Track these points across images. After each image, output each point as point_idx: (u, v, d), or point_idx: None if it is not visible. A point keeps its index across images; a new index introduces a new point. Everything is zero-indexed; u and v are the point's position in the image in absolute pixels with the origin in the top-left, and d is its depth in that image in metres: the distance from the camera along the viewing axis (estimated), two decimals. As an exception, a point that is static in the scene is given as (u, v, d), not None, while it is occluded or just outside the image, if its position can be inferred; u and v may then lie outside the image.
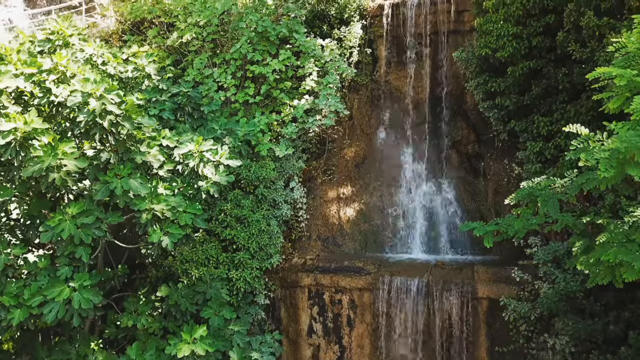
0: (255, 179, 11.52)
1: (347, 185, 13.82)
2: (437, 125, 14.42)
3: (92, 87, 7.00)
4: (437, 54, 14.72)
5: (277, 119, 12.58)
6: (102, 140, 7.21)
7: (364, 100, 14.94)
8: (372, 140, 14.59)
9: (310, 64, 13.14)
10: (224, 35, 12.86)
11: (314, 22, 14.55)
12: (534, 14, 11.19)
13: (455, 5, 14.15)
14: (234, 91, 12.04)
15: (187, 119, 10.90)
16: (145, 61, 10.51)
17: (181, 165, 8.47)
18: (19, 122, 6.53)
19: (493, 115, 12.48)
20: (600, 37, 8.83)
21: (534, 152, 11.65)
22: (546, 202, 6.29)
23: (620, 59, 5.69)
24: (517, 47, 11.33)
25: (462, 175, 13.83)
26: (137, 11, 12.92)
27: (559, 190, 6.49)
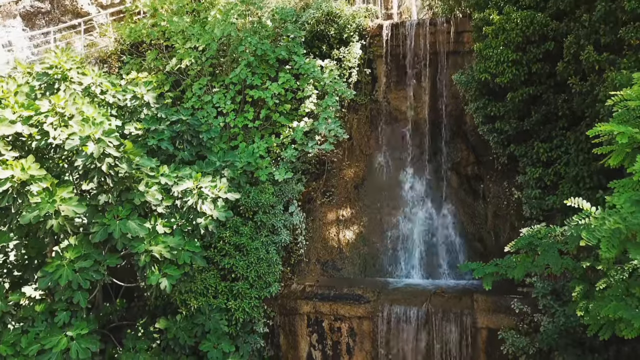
0: (254, 204, 11.49)
1: (346, 207, 13.80)
2: (437, 146, 14.40)
3: (91, 131, 6.96)
4: (436, 75, 14.70)
5: (277, 142, 12.55)
6: (101, 182, 7.18)
7: (363, 120, 14.91)
8: (372, 161, 14.57)
9: (309, 86, 13.12)
10: (223, 58, 12.82)
11: (313, 42, 14.52)
12: (533, 41, 11.15)
13: (455, 27, 14.14)
14: (233, 116, 12.01)
15: (186, 147, 10.86)
16: (144, 89, 10.47)
17: (179, 201, 8.44)
18: (17, 169, 6.50)
19: (493, 139, 12.43)
20: (600, 71, 8.80)
21: (534, 178, 11.62)
22: (546, 251, 6.27)
23: (620, 112, 5.66)
24: (516, 73, 11.29)
25: (461, 197, 13.81)
26: (136, 34, 12.88)
27: (559, 240, 6.46)
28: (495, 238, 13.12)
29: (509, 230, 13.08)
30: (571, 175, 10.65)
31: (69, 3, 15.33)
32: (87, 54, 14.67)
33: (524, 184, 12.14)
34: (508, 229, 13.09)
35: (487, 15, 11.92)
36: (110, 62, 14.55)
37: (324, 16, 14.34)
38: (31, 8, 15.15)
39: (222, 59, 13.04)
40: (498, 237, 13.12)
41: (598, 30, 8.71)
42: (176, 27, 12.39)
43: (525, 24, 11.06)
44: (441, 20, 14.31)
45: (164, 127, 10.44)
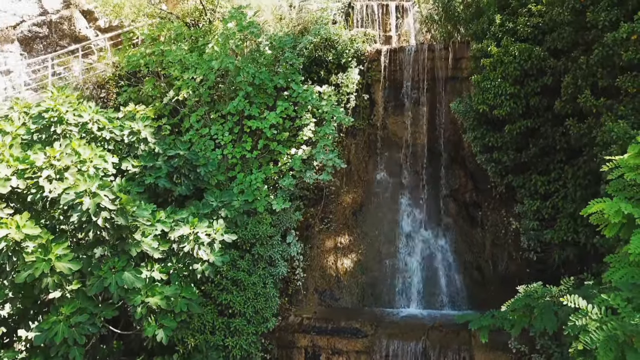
0: (252, 237, 11.48)
1: (344, 235, 13.79)
2: (435, 172, 14.38)
3: (86, 186, 6.95)
4: (434, 100, 14.69)
5: (275, 170, 12.54)
6: (96, 234, 7.16)
7: (361, 145, 14.90)
8: (370, 187, 14.55)
9: (307, 114, 13.10)
10: (222, 84, 12.80)
11: (311, 67, 14.49)
12: (531, 74, 11.15)
13: (453, 53, 14.13)
14: (231, 148, 12.00)
15: (184, 181, 10.84)
16: (141, 125, 10.46)
17: (176, 245, 8.43)
18: (12, 228, 6.49)
19: (490, 169, 12.40)
20: (598, 115, 8.79)
21: (532, 210, 11.61)
22: (543, 313, 6.25)
23: (614, 183, 5.65)
24: (514, 106, 11.29)
25: (459, 224, 13.79)
26: (133, 63, 12.86)
27: (555, 301, 6.45)
28: (494, 267, 13.11)
29: (507, 259, 13.09)
30: (569, 212, 10.65)
31: (66, 27, 15.32)
32: (85, 79, 14.65)
33: (522, 214, 12.14)
34: (506, 258, 13.10)
35: (485, 47, 11.93)
36: (108, 88, 14.53)
37: (322, 42, 14.33)
38: (29, 33, 15.13)
39: (220, 85, 13.01)
40: (496, 266, 13.12)
41: (595, 73, 8.70)
42: (174, 57, 12.36)
43: (523, 57, 11.07)
44: (439, 46, 14.30)
45: (161, 162, 10.42)
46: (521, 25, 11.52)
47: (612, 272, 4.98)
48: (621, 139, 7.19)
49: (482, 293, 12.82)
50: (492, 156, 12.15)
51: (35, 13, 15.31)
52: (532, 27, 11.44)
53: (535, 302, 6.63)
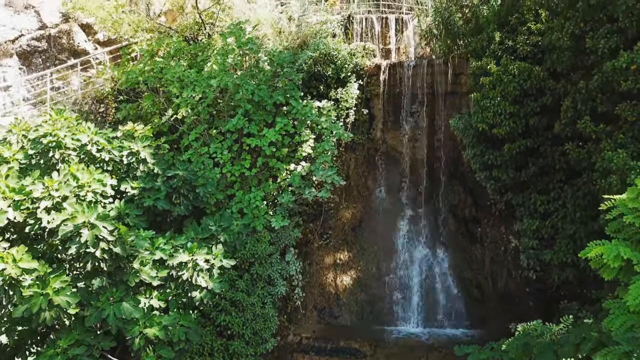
0: (251, 256, 11.46)
1: (343, 251, 13.77)
2: (434, 187, 14.36)
3: (84, 218, 6.92)
4: (434, 115, 14.67)
5: (274, 187, 12.51)
6: (94, 266, 7.13)
7: (361, 160, 14.88)
8: (369, 202, 14.53)
9: (306, 130, 13.07)
10: (222, 100, 12.76)
11: (311, 82, 14.46)
12: (530, 94, 11.13)
13: (453, 69, 14.11)
14: (230, 166, 11.96)
15: (183, 201, 10.82)
16: (140, 145, 10.42)
17: (175, 271, 8.40)
18: (8, 262, 6.45)
19: (490, 186, 12.37)
20: (597, 140, 8.76)
21: (531, 230, 11.58)
22: (542, 352, 6.23)
23: (613, 223, 5.63)
24: (513, 126, 11.26)
25: (458, 240, 13.78)
26: (132, 80, 12.82)
27: (555, 340, 6.43)
28: (493, 284, 13.10)
29: (506, 277, 13.07)
30: (568, 233, 10.63)
31: (65, 42, 15.27)
32: (83, 94, 14.61)
33: (521, 232, 12.10)
34: (505, 276, 13.08)
35: (484, 64, 11.90)
36: (107, 103, 14.49)
37: (321, 57, 14.30)
38: (28, 47, 15.08)
39: (220, 101, 12.96)
40: (495, 283, 13.11)
41: (595, 98, 8.67)
42: (172, 74, 12.33)
43: (522, 77, 11.04)
44: (439, 61, 14.28)
45: (160, 183, 10.40)
46: (521, 43, 11.50)
47: (612, 319, 4.95)
48: (621, 169, 7.18)
49: (482, 310, 12.80)
50: (491, 174, 12.11)
51: (34, 27, 15.26)
52: (531, 46, 11.42)
53: (535, 340, 6.60)
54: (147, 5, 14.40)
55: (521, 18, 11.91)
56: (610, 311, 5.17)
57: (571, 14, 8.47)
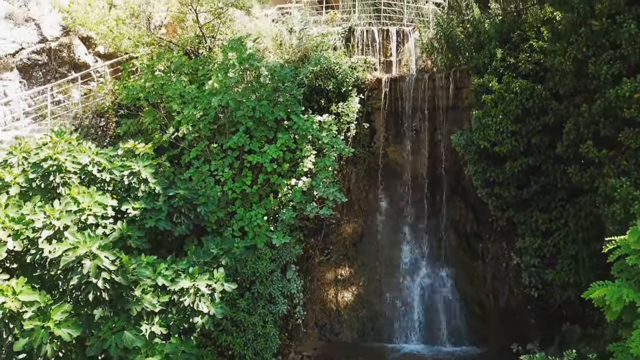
0: (252, 274, 11.43)
1: (344, 266, 13.74)
2: (436, 202, 14.34)
3: (85, 250, 6.90)
4: (435, 129, 14.65)
5: (275, 203, 12.48)
6: (96, 296, 7.11)
7: (362, 174, 14.85)
8: (370, 217, 14.50)
9: (307, 146, 13.03)
10: (222, 120, 12.73)
11: (312, 96, 14.44)
12: (532, 113, 11.10)
13: (454, 83, 14.08)
14: (231, 184, 11.92)
15: (184, 220, 10.81)
16: (141, 165, 10.40)
17: (176, 296, 8.38)
18: (8, 294, 6.42)
19: (491, 203, 12.34)
20: (600, 165, 8.73)
21: (533, 248, 11.56)
22: (545, 387, 6.21)
23: (617, 264, 5.60)
24: (515, 144, 11.24)
25: (460, 256, 13.75)
26: (133, 96, 12.79)
27: (558, 374, 6.41)
28: (494, 301, 13.07)
29: (507, 294, 13.05)
30: (570, 254, 10.61)
31: (66, 55, 15.24)
32: (84, 108, 14.58)
33: (523, 250, 12.07)
34: (507, 292, 13.06)
35: (486, 82, 11.87)
36: (107, 117, 14.46)
37: (322, 71, 14.27)
38: (28, 61, 15.06)
39: (221, 115, 12.89)
40: (497, 300, 13.08)
41: (598, 122, 8.64)
42: (173, 90, 12.29)
43: (525, 96, 11.03)
44: (440, 75, 14.25)
45: (162, 202, 10.38)
46: (523, 61, 11.48)
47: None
48: (624, 199, 7.16)
49: (483, 328, 12.77)
50: (492, 191, 12.08)
51: (34, 40, 15.23)
52: (533, 64, 11.41)
53: (538, 374, 6.59)
54: (148, 19, 14.36)
55: (523, 35, 11.89)
56: (614, 354, 5.15)
57: (574, 39, 8.44)
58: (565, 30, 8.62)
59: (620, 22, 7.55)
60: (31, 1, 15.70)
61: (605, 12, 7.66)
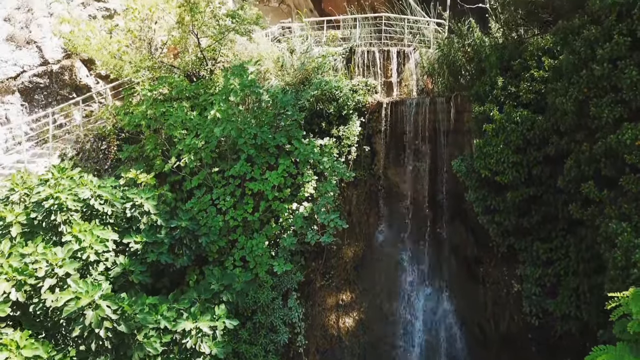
0: (253, 303, 11.46)
1: (346, 291, 13.75)
2: (437, 226, 14.35)
3: (89, 299, 6.93)
4: (436, 152, 14.65)
5: (276, 229, 12.51)
6: (98, 345, 7.14)
7: (362, 197, 14.86)
8: (371, 240, 14.52)
9: (309, 171, 13.05)
10: (223, 146, 12.75)
11: (313, 119, 14.49)
12: (534, 144, 11.09)
13: (455, 107, 14.08)
14: (232, 213, 11.94)
15: (185, 252, 10.86)
16: (143, 197, 10.43)
17: (179, 335, 8.40)
18: (12, 348, 6.44)
19: (492, 230, 12.33)
20: (601, 204, 8.73)
21: (534, 277, 11.55)
22: None
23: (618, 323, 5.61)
24: (516, 175, 11.23)
25: (461, 281, 13.76)
26: (134, 124, 12.81)
27: None
28: (495, 326, 13.06)
29: (508, 320, 13.04)
30: (571, 287, 10.60)
31: (67, 77, 15.27)
32: (85, 131, 14.60)
33: (524, 277, 12.06)
34: (507, 318, 13.05)
35: (487, 110, 11.87)
36: (109, 140, 14.48)
37: (323, 95, 14.30)
38: (30, 84, 15.08)
39: (222, 140, 12.88)
40: (498, 326, 13.07)
41: (599, 160, 8.64)
42: (175, 119, 12.32)
43: (526, 126, 11.02)
44: (441, 99, 14.26)
45: (164, 235, 10.42)
46: (524, 91, 11.48)
47: None
48: (625, 246, 7.17)
49: (484, 353, 12.79)
50: (493, 218, 12.08)
51: (36, 63, 15.25)
52: (534, 93, 11.40)
53: None
54: (149, 43, 14.37)
55: (524, 63, 11.88)
56: None
57: (575, 80, 8.45)
58: (566, 70, 8.62)
59: (622, 67, 7.56)
60: (32, 23, 15.72)
61: (606, 57, 7.67)
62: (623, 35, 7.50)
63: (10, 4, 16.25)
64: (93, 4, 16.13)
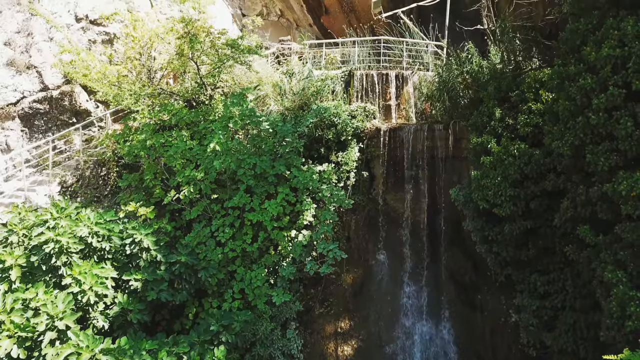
0: (252, 335, 11.51)
1: (344, 319, 13.81)
2: (435, 252, 14.40)
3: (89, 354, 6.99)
4: (434, 178, 14.71)
5: (275, 258, 12.56)
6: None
7: (361, 222, 14.91)
8: (370, 267, 14.57)
9: (308, 199, 13.10)
10: (223, 177, 12.80)
11: (312, 145, 14.55)
12: (531, 178, 11.15)
13: (454, 135, 14.15)
14: (232, 244, 11.99)
15: (185, 286, 10.92)
16: (143, 233, 10.49)
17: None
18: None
19: (490, 260, 12.41)
20: (597, 248, 8.79)
21: (532, 310, 11.60)
22: None
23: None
24: (514, 208, 11.28)
25: (459, 308, 13.82)
26: (133, 155, 12.86)
27: None
28: (493, 355, 13.13)
29: (506, 349, 13.10)
30: (569, 322, 10.65)
31: (67, 103, 15.34)
32: (85, 159, 14.66)
33: (521, 308, 12.11)
34: (505, 348, 13.11)
35: (484, 142, 11.93)
36: (108, 167, 14.54)
37: (322, 121, 14.36)
38: (30, 110, 15.14)
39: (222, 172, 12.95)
40: (496, 355, 13.14)
41: (595, 204, 8.69)
42: (175, 149, 12.37)
43: (523, 161, 11.07)
44: (439, 127, 14.32)
45: (163, 272, 10.48)
46: (521, 124, 11.52)
47: None
48: (620, 298, 7.23)
49: (482, 383, 12.85)
50: (491, 248, 12.15)
51: (35, 89, 15.31)
52: (532, 127, 11.45)
53: None
54: (149, 69, 14.44)
55: (522, 95, 11.94)
56: None
57: (571, 125, 8.51)
58: (562, 115, 8.68)
59: (617, 117, 7.62)
60: (33, 47, 15.78)
61: (602, 107, 7.72)
62: (618, 87, 7.56)
63: (10, 28, 16.30)
64: (93, 28, 16.20)
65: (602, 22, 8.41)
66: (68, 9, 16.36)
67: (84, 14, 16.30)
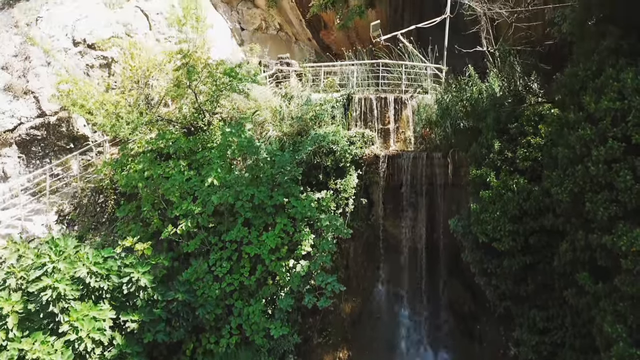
0: (250, 371, 11.46)
1: (343, 349, 13.76)
2: (434, 281, 14.36)
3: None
4: (433, 205, 14.68)
5: (273, 289, 12.50)
6: None
7: (360, 249, 14.87)
8: (369, 295, 14.53)
9: (306, 229, 13.04)
10: (221, 210, 12.75)
11: (310, 172, 14.49)
12: (530, 214, 11.10)
13: (453, 163, 14.10)
14: (229, 279, 11.93)
15: (182, 324, 10.87)
16: (140, 271, 10.44)
17: None
18: None
19: (489, 293, 12.37)
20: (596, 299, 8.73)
21: (531, 345, 11.55)
22: None
23: None
24: (513, 244, 11.23)
25: (457, 338, 13.78)
26: (131, 185, 12.81)
27: None
28: (493, 388, 13.10)
29: (506, 380, 13.05)
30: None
31: (64, 129, 15.30)
32: (83, 185, 14.61)
33: (520, 341, 12.06)
34: (505, 380, 13.06)
35: (483, 175, 11.88)
36: (106, 194, 14.48)
37: (320, 149, 14.31)
38: (27, 136, 15.09)
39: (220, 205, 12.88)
40: (495, 387, 13.10)
41: (595, 250, 8.65)
42: (172, 181, 12.32)
43: (522, 196, 11.02)
44: (438, 155, 14.27)
45: (160, 311, 10.42)
46: (520, 157, 11.47)
47: None
48: (620, 355, 7.19)
49: (482, 416, 12.80)
50: (490, 281, 12.10)
51: (33, 115, 15.26)
52: (531, 161, 11.41)
53: None
54: (147, 96, 14.38)
55: (521, 128, 11.90)
56: None
57: (570, 172, 8.46)
58: (562, 162, 8.64)
59: (617, 170, 7.58)
60: (30, 72, 15.73)
61: (601, 159, 7.68)
62: (618, 140, 7.52)
63: (7, 51, 16.28)
64: (90, 52, 16.15)
65: (602, 68, 8.37)
66: (66, 32, 16.31)
67: (82, 37, 16.24)
